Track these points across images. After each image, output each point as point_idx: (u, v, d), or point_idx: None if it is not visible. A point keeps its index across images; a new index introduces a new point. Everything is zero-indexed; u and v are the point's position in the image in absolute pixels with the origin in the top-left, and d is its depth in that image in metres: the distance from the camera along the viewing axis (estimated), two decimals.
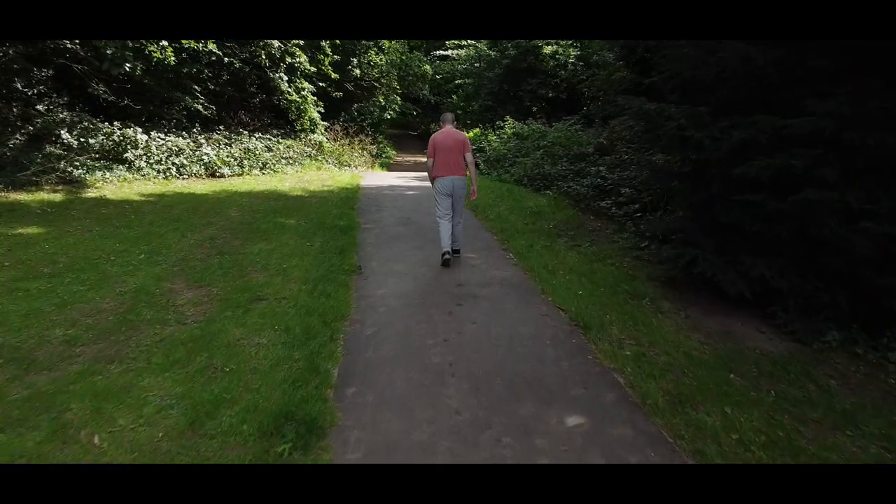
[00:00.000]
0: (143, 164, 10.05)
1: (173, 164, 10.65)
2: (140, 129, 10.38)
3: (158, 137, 10.63)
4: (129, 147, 9.93)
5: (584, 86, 17.40)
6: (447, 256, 6.05)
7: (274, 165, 12.75)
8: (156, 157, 10.36)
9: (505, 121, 17.23)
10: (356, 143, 17.07)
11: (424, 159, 6.68)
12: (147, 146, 10.20)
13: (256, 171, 12.26)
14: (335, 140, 16.35)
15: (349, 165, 15.72)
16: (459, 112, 25.82)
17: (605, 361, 3.78)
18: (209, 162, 11.18)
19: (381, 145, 25.75)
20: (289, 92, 14.18)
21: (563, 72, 19.22)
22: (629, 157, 9.40)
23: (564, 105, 19.82)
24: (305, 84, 14.87)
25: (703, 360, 3.83)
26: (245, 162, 12.09)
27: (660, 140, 5.28)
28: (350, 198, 10.00)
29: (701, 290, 5.12)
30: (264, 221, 7.56)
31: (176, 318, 4.12)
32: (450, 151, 6.08)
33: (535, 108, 19.37)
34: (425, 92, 23.40)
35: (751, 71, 4.42)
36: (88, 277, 4.91)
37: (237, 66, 15.33)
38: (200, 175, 11.12)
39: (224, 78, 16.55)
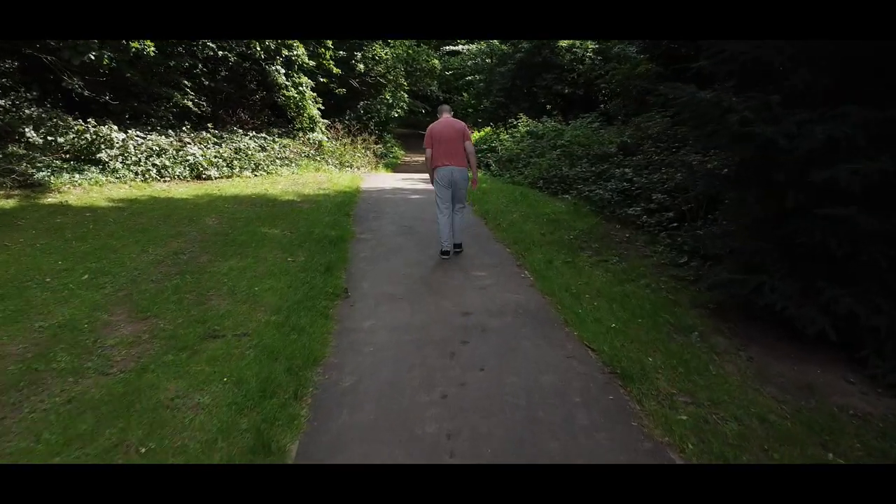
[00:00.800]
0: (118, 165, 9.26)
1: (153, 165, 9.85)
2: (116, 127, 9.58)
3: (137, 136, 9.83)
4: (103, 147, 9.14)
5: (604, 81, 16.46)
6: (446, 257, 6.13)
7: (267, 166, 11.93)
8: (133, 158, 9.56)
9: (518, 118, 16.33)
10: (359, 142, 16.24)
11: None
12: (124, 145, 9.41)
13: (248, 173, 11.45)
14: (336, 139, 15.52)
15: (350, 166, 14.89)
16: (470, 110, 24.98)
17: (655, 431, 2.89)
18: (194, 163, 10.38)
19: (389, 145, 24.97)
20: (286, 86, 13.37)
21: (580, 66, 18.30)
22: (660, 158, 8.47)
23: (581, 102, 18.90)
24: (304, 79, 14.08)
25: (785, 429, 2.92)
26: (235, 163, 11.28)
27: (714, 137, 4.36)
28: (347, 203, 9.15)
29: (761, 322, 4.20)
30: (244, 231, 6.72)
31: (98, 367, 3.27)
32: (449, 141, 5.98)
33: (548, 106, 18.45)
34: (433, 88, 22.55)
35: (841, 50, 3.50)
36: (6, 307, 4.08)
37: (233, 60, 14.60)
38: (185, 177, 10.32)
39: (222, 74, 15.83)
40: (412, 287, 5.11)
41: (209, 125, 13.62)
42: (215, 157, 10.88)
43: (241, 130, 13.01)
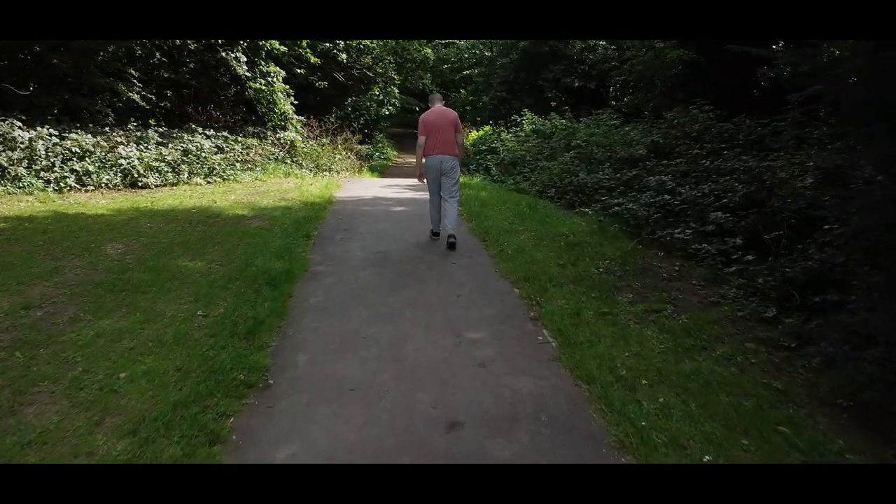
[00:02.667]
0: (21, 171, 7.57)
1: (72, 171, 8.18)
2: (20, 124, 7.89)
3: (50, 135, 8.13)
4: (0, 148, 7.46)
5: (622, 71, 14.84)
6: (435, 238, 6.55)
7: (224, 171, 10.28)
8: (44, 162, 7.87)
9: (522, 115, 14.68)
10: (339, 142, 14.57)
11: None
12: (31, 147, 7.72)
13: (199, 180, 9.80)
14: (313, 139, 13.86)
15: (328, 170, 13.25)
16: (468, 108, 23.37)
17: None
18: (128, 168, 8.70)
19: (381, 145, 23.31)
20: (248, 76, 11.71)
21: (591, 56, 16.67)
22: (709, 163, 6.81)
23: (592, 96, 17.29)
24: (273, 68, 12.43)
25: None
26: (183, 167, 9.63)
27: None
28: (311, 219, 7.49)
29: None
30: (151, 266, 5.06)
31: None
32: (442, 130, 6.21)
33: (554, 103, 16.80)
34: (426, 81, 20.93)
35: None
36: None
37: (193, 47, 12.97)
38: (116, 185, 8.66)
39: (190, 66, 14.18)
40: (374, 364, 3.44)
41: (162, 122, 11.98)
42: (156, 160, 9.20)
43: (201, 129, 11.33)
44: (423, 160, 6.30)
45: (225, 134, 11.55)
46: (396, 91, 22.71)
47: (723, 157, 6.97)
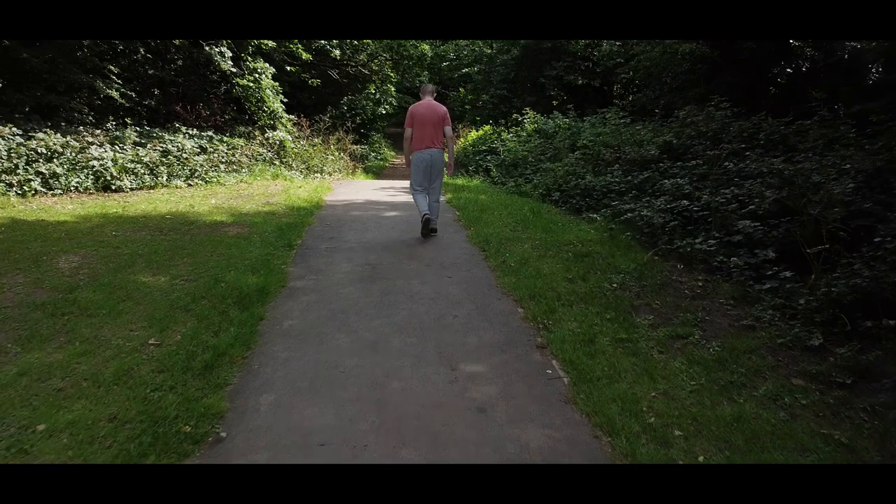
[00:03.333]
0: None
1: (38, 173, 7.63)
2: None
3: (14, 134, 7.58)
4: None
5: (627, 68, 14.31)
6: (427, 225, 6.30)
7: (206, 173, 9.73)
8: (6, 164, 7.32)
9: (524, 114, 14.14)
10: (331, 141, 14.03)
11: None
12: None
13: (180, 182, 9.25)
14: (304, 139, 13.31)
15: (320, 172, 12.70)
16: (467, 107, 22.83)
17: None
18: (100, 170, 8.15)
19: (377, 145, 22.78)
20: (233, 72, 11.17)
21: (595, 53, 16.13)
22: (732, 165, 6.27)
23: (596, 95, 16.76)
24: (261, 63, 11.88)
25: None
26: (162, 169, 9.08)
27: None
28: (296, 225, 6.94)
29: None
30: (107, 282, 4.52)
31: None
32: (429, 124, 6.16)
33: (555, 102, 16.25)
34: (423, 78, 20.38)
35: None
36: None
37: (178, 43, 12.44)
38: (87, 189, 8.11)
39: (178, 63, 13.63)
40: (351, 409, 2.90)
41: (144, 122, 11.45)
42: (132, 161, 8.65)
43: (185, 129, 10.78)
44: (412, 154, 6.30)
45: (210, 133, 11.00)
46: (393, 89, 22.18)
47: (745, 159, 6.44)
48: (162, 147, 9.30)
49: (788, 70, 10.16)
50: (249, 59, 11.84)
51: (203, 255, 5.44)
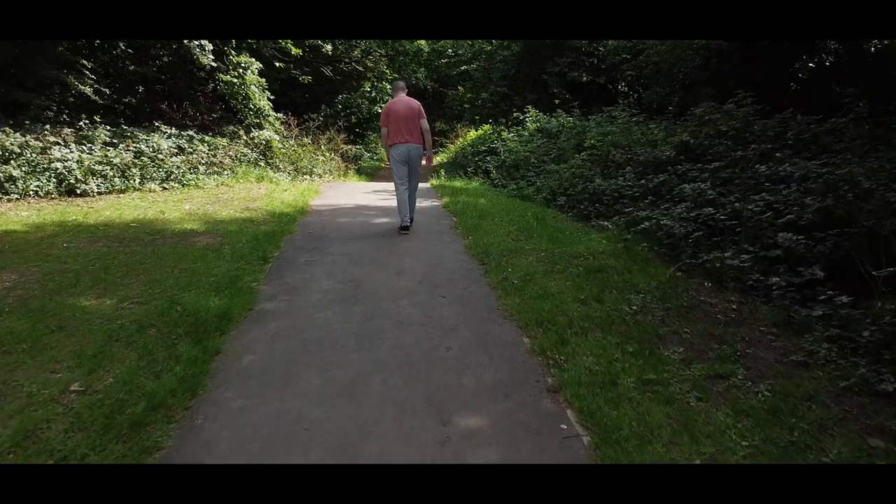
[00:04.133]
0: None
1: None
2: None
3: None
4: None
5: (635, 64, 13.69)
6: (405, 233, 6.62)
7: (184, 176, 9.10)
8: None
9: (526, 112, 13.52)
10: (323, 141, 13.40)
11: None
12: None
13: (154, 185, 8.62)
14: (292, 138, 12.68)
15: (309, 174, 12.07)
16: (466, 105, 22.24)
17: None
18: (64, 172, 7.52)
19: (374, 145, 22.13)
20: (213, 66, 10.54)
21: (601, 49, 15.51)
22: (763, 168, 5.66)
23: (601, 92, 16.14)
24: (244, 58, 11.25)
25: None
26: (134, 171, 8.45)
27: None
28: (275, 234, 6.33)
29: None
30: (37, 307, 3.90)
31: None
32: (405, 119, 6.40)
33: (558, 100, 15.61)
34: (419, 76, 19.74)
35: None
36: None
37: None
38: (49, 193, 7.48)
39: (164, 60, 13.00)
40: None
41: (121, 121, 10.82)
42: (100, 163, 8.02)
43: (165, 128, 10.15)
44: (390, 149, 6.50)
45: (190, 133, 10.38)
46: (389, 87, 21.53)
47: (775, 161, 5.83)
48: (135, 147, 8.67)
49: (811, 64, 9.55)
50: (233, 53, 11.21)
51: (162, 271, 4.82)
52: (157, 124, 10.34)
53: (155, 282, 4.55)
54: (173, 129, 10.05)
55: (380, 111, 22.95)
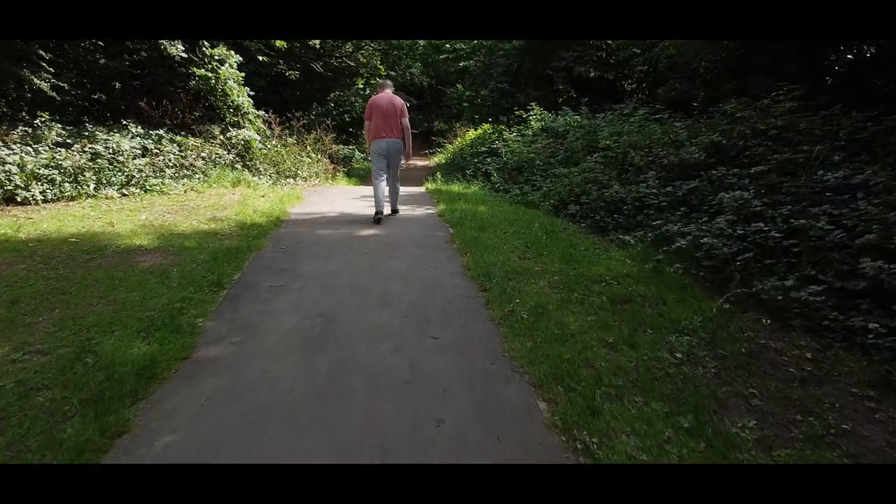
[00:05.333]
0: None
1: None
2: None
3: None
4: None
5: (648, 58, 12.86)
6: (379, 217, 7.04)
7: (146, 180, 8.19)
8: None
9: (530, 109, 12.65)
10: (309, 142, 12.51)
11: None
12: None
13: (112, 191, 7.72)
14: (276, 138, 11.78)
15: (293, 177, 11.17)
16: (465, 104, 21.39)
17: None
18: (1, 177, 6.62)
19: (366, 146, 21.22)
20: (183, 58, 9.66)
21: (609, 42, 14.64)
22: (834, 175, 4.78)
23: (609, 89, 15.28)
24: (219, 50, 10.36)
25: None
26: (88, 175, 7.55)
27: None
28: (239, 251, 5.45)
29: None
30: None
31: None
32: (387, 116, 6.84)
33: (560, 98, 14.75)
34: (415, 71, 18.84)
35: None
36: None
37: None
38: None
39: (143, 54, 12.08)
40: None
41: (85, 119, 9.93)
42: (46, 166, 7.12)
43: (134, 127, 9.25)
44: (372, 143, 7.00)
45: (160, 132, 9.47)
46: (378, 84, 20.67)
47: (832, 165, 4.95)
48: (91, 148, 7.77)
49: (849, 56, 8.68)
50: (206, 44, 10.30)
51: (85, 304, 3.93)
52: (124, 123, 9.44)
53: (71, 319, 3.65)
54: (139, 128, 9.12)
55: None
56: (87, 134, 8.32)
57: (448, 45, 20.84)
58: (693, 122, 7.87)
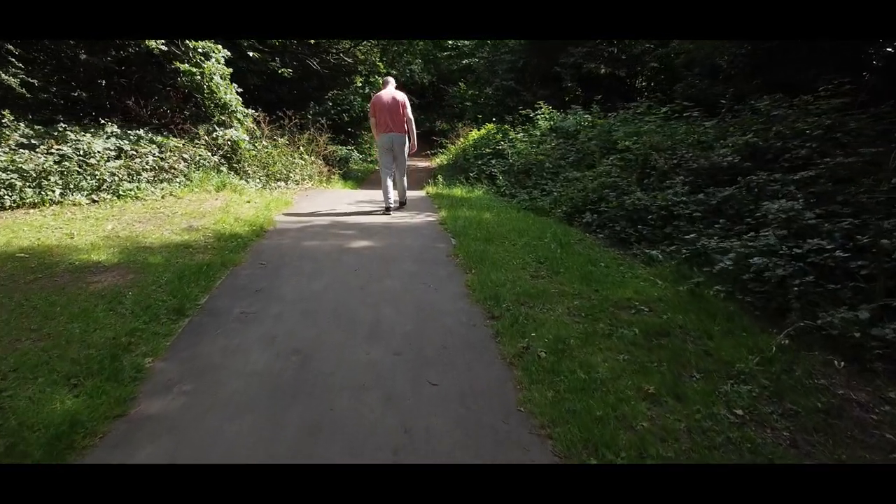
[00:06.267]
0: None
1: None
2: None
3: None
4: None
5: (664, 53, 12.20)
6: (388, 209, 7.66)
7: (120, 185, 7.56)
8: None
9: (537, 108, 12.00)
10: (301, 142, 11.87)
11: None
12: None
13: (80, 197, 7.09)
14: (266, 138, 11.14)
15: (284, 180, 10.53)
16: (468, 103, 20.77)
17: None
18: None
19: (369, 146, 20.58)
20: (162, 50, 9.04)
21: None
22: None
23: (619, 86, 14.63)
24: (205, 43, 9.73)
25: None
26: (54, 179, 6.91)
27: None
28: (211, 268, 4.83)
29: None
30: None
31: None
32: (390, 111, 7.26)
33: (568, 97, 14.08)
34: (415, 67, 18.20)
35: None
36: None
37: None
38: None
39: (131, 50, 11.44)
40: None
41: (59, 119, 9.30)
42: (4, 170, 6.50)
43: (110, 127, 8.61)
44: (377, 137, 7.50)
45: (139, 132, 8.84)
46: (382, 81, 20.05)
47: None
48: (59, 150, 7.14)
49: (888, 49, 8.01)
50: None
51: (8, 339, 3.29)
52: (103, 122, 8.81)
53: None
54: (115, 127, 8.48)
55: None
56: (56, 134, 7.68)
57: (450, 42, 20.18)
58: (719, 122, 7.20)
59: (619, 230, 5.92)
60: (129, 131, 8.80)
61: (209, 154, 9.37)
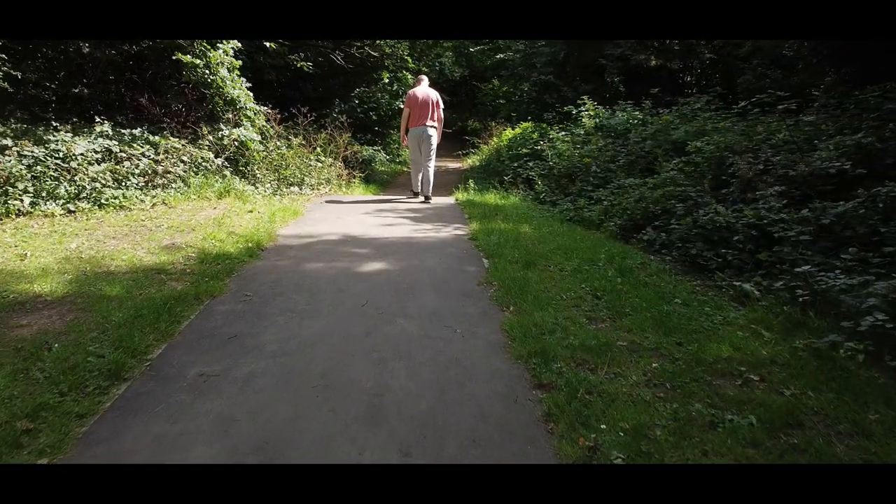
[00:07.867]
0: None
1: None
2: None
3: None
4: None
5: (724, 43, 10.97)
6: (417, 192, 8.84)
7: (102, 192, 6.67)
8: None
9: (580, 104, 10.86)
10: (319, 142, 10.93)
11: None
12: None
13: (54, 206, 6.22)
14: (279, 138, 10.23)
15: (299, 184, 9.60)
16: (502, 101, 19.73)
17: None
18: None
19: (396, 145, 19.62)
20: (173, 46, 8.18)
21: None
22: None
23: (670, 81, 13.42)
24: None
25: None
26: (23, 186, 6.07)
27: None
28: (182, 301, 3.91)
29: None
30: None
31: None
32: (424, 106, 8.19)
33: (608, 94, 12.89)
34: (445, 60, 17.16)
35: None
36: None
37: None
38: None
39: (143, 44, 10.69)
40: None
41: (50, 117, 8.55)
42: None
43: (107, 127, 7.78)
44: (409, 129, 8.40)
45: (134, 132, 8.00)
46: (410, 78, 19.04)
47: None
48: (31, 153, 6.29)
49: None
50: None
51: None
52: (98, 120, 7.98)
53: None
54: (105, 126, 7.63)
55: (401, 106, 20.63)
56: (36, 134, 6.85)
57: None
58: (817, 121, 6.02)
59: (695, 253, 4.79)
60: (122, 130, 7.95)
61: (212, 156, 8.46)
